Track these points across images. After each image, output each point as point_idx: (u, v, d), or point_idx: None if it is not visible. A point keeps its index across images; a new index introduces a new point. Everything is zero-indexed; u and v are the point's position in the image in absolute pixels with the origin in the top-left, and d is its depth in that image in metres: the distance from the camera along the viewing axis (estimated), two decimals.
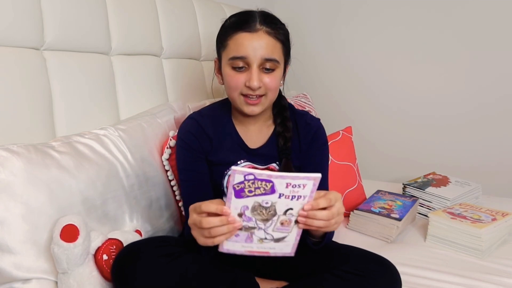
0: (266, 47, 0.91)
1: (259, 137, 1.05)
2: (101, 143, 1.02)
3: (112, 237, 0.91)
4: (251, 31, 0.91)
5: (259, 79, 0.92)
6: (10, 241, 0.81)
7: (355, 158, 1.57)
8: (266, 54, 0.91)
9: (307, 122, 1.06)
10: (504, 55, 1.84)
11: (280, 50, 0.94)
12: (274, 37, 0.93)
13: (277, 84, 0.96)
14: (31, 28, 1.02)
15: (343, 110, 2.25)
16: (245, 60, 0.92)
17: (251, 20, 0.92)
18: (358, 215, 1.37)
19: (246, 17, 0.93)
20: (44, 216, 0.84)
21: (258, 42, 0.91)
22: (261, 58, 0.91)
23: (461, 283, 1.06)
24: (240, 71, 0.93)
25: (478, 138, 1.95)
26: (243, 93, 0.94)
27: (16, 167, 0.83)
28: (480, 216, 1.29)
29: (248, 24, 0.92)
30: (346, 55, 2.21)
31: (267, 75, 0.93)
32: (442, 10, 1.93)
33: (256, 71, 0.92)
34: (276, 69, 0.94)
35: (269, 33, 0.92)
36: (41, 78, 1.04)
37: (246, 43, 0.91)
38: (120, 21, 1.25)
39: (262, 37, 0.91)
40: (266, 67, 0.93)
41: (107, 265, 0.87)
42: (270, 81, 0.93)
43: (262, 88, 0.94)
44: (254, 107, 0.96)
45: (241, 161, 1.02)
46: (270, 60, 0.92)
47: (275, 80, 0.94)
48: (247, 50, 0.91)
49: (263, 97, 0.95)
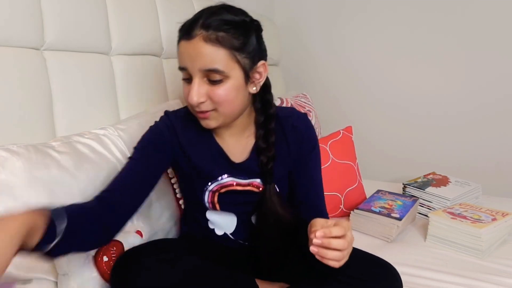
0: (203, 57, 0.79)
1: (239, 149, 0.95)
2: (101, 143, 1.02)
3: (113, 239, 0.91)
4: (188, 38, 0.79)
5: (200, 93, 0.81)
6: None
7: (355, 158, 1.57)
8: (204, 64, 0.79)
9: (293, 125, 0.96)
10: (504, 56, 1.84)
11: (225, 57, 0.79)
12: (214, 44, 0.78)
13: (228, 97, 0.82)
14: (31, 28, 1.02)
15: (343, 110, 2.25)
16: (187, 71, 0.82)
17: (192, 24, 0.80)
18: (358, 214, 1.37)
19: (190, 20, 0.82)
20: None
21: (194, 51, 0.79)
22: (199, 69, 0.80)
23: (461, 283, 1.06)
24: (188, 83, 0.83)
25: (478, 138, 1.95)
26: (194, 108, 0.85)
27: (16, 167, 0.83)
28: (480, 216, 1.29)
29: (186, 29, 0.80)
30: (346, 55, 2.21)
31: (214, 87, 0.81)
32: (442, 10, 1.93)
33: (197, 84, 0.80)
34: (224, 80, 0.81)
35: (207, 39, 0.78)
36: (41, 78, 1.04)
37: (184, 52, 0.81)
38: (120, 21, 1.25)
39: (198, 45, 0.78)
40: (210, 78, 0.80)
41: (107, 267, 0.87)
42: (217, 94, 0.81)
43: (208, 102, 0.82)
44: (208, 121, 0.86)
45: (222, 176, 0.94)
46: (211, 71, 0.79)
47: (224, 92, 0.81)
48: (185, 61, 0.81)
49: (213, 112, 0.84)
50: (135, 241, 0.96)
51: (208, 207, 0.97)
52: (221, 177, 0.94)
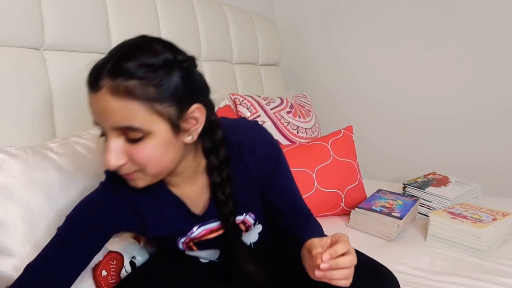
0: (113, 114, 0.63)
1: (198, 198, 0.82)
2: (99, 143, 1.02)
3: (113, 250, 0.90)
4: (93, 90, 0.64)
5: (118, 155, 0.65)
6: (10, 243, 0.80)
7: (356, 157, 1.57)
8: (115, 122, 0.63)
9: (250, 149, 0.81)
10: (504, 56, 1.84)
11: (141, 111, 0.63)
12: (124, 97, 0.61)
13: (153, 157, 0.66)
14: (31, 28, 1.02)
15: (343, 110, 2.25)
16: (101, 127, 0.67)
17: (98, 71, 0.64)
18: (359, 213, 1.37)
19: (96, 66, 0.65)
20: (43, 218, 0.84)
21: (101, 106, 0.63)
22: (111, 127, 0.64)
23: (461, 283, 1.05)
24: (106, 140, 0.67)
25: (478, 138, 1.95)
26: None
27: (14, 170, 0.83)
28: (480, 216, 1.29)
29: (92, 78, 0.65)
30: (346, 55, 2.21)
31: (134, 146, 0.65)
32: (443, 10, 1.93)
33: (113, 144, 0.65)
34: (144, 137, 0.64)
35: (114, 91, 0.62)
36: (41, 78, 1.04)
37: (92, 107, 0.65)
38: (120, 21, 1.25)
39: (105, 99, 0.62)
40: (128, 137, 0.65)
41: (105, 283, 0.86)
42: (139, 155, 0.65)
43: (129, 164, 0.67)
44: (134, 182, 0.71)
45: (193, 229, 0.83)
46: (126, 129, 0.64)
47: (148, 152, 0.65)
48: (95, 117, 0.66)
49: (138, 172, 0.69)
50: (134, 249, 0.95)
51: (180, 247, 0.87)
52: (190, 231, 0.83)
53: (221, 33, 1.72)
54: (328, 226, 1.10)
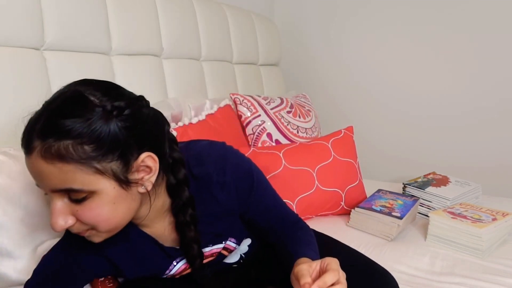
0: (47, 177, 0.58)
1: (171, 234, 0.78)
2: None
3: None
4: (26, 153, 0.59)
5: (65, 217, 0.61)
6: (10, 245, 0.80)
7: (356, 157, 1.57)
8: (53, 185, 0.59)
9: (219, 182, 0.75)
10: (504, 56, 1.84)
11: (79, 172, 0.57)
12: (56, 160, 0.56)
13: (102, 216, 0.61)
14: (31, 28, 1.02)
15: (343, 110, 2.25)
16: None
17: (29, 131, 0.58)
18: (359, 213, 1.37)
19: (28, 124, 0.59)
20: (43, 220, 0.84)
21: (36, 170, 0.58)
22: (50, 190, 0.60)
23: (461, 283, 1.05)
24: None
25: (478, 138, 1.95)
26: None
27: (14, 171, 0.82)
28: (480, 216, 1.29)
29: (24, 138, 0.59)
30: (346, 55, 2.21)
31: (79, 206, 0.60)
32: (444, 11, 1.93)
33: (57, 206, 0.60)
34: (90, 196, 0.59)
35: (46, 155, 0.56)
36: (41, 78, 1.04)
37: (28, 169, 0.60)
38: (120, 21, 1.25)
39: (37, 163, 0.57)
40: (71, 197, 0.60)
41: (102, 286, 0.85)
42: (85, 216, 0.61)
43: (79, 223, 0.62)
44: (91, 238, 0.66)
45: (174, 263, 0.81)
46: (66, 191, 0.59)
47: (95, 212, 0.60)
48: (34, 178, 0.61)
49: (91, 230, 0.64)
50: None
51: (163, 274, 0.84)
52: (170, 268, 0.81)
53: (221, 33, 1.72)
54: (328, 225, 1.10)
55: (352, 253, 0.90)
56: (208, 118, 1.39)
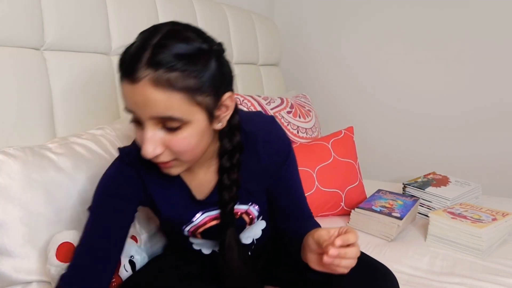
0: (154, 104, 0.63)
1: (206, 183, 0.83)
2: (98, 143, 1.02)
3: None
4: (131, 81, 0.63)
5: (156, 145, 0.66)
6: (9, 244, 0.81)
7: (356, 157, 1.57)
8: (156, 113, 0.64)
9: (264, 141, 0.83)
10: (504, 56, 1.84)
11: (182, 102, 0.64)
12: (166, 88, 0.62)
13: (190, 145, 0.68)
14: (31, 28, 1.02)
15: (343, 111, 2.25)
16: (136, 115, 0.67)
17: (135, 61, 0.63)
18: (359, 213, 1.37)
19: (126, 55, 0.65)
20: (42, 219, 0.84)
21: (141, 97, 0.63)
22: (150, 117, 0.64)
23: (461, 283, 1.05)
24: (139, 127, 0.68)
25: (478, 138, 1.95)
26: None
27: (13, 170, 0.83)
28: (480, 216, 1.29)
29: (129, 67, 0.63)
30: (346, 55, 2.21)
31: (171, 135, 0.66)
32: (442, 11, 1.93)
33: (151, 133, 0.66)
34: (183, 126, 0.66)
35: (156, 82, 0.61)
36: (41, 78, 1.04)
37: (128, 96, 0.65)
38: (120, 21, 1.25)
39: (145, 91, 0.62)
40: (166, 126, 0.66)
41: None
42: (176, 144, 0.67)
43: (166, 152, 0.68)
44: (170, 170, 0.72)
45: (197, 216, 0.85)
46: (166, 119, 0.65)
47: (185, 141, 0.67)
48: (132, 106, 0.66)
49: (175, 161, 0.71)
50: (131, 248, 0.95)
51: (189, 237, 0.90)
52: (194, 217, 0.84)
53: (221, 33, 1.72)
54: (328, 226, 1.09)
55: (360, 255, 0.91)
56: None
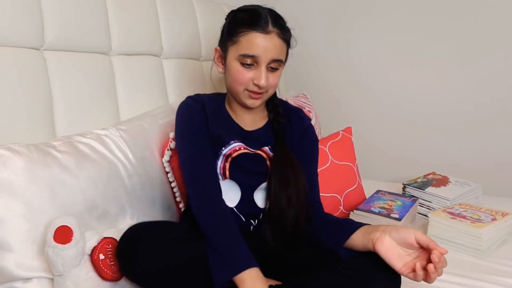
0: (276, 49, 0.97)
1: (253, 123, 1.10)
2: (102, 143, 1.02)
3: (108, 236, 0.90)
4: (264, 33, 0.95)
5: (266, 78, 0.98)
6: (12, 240, 0.81)
7: (355, 159, 1.57)
8: (275, 55, 0.97)
9: (300, 116, 1.13)
10: (503, 55, 1.84)
11: (285, 51, 1.01)
12: (282, 39, 0.98)
13: (278, 82, 1.03)
14: (31, 28, 1.02)
15: (343, 110, 2.25)
16: (255, 58, 0.96)
17: (264, 21, 0.96)
18: (358, 215, 1.37)
19: (259, 17, 0.97)
20: (45, 215, 0.84)
21: (271, 44, 0.96)
22: (270, 58, 0.97)
23: (461, 283, 1.06)
24: (248, 68, 0.98)
25: (478, 138, 1.95)
26: (249, 89, 0.99)
27: (18, 166, 0.83)
28: (480, 216, 1.29)
29: (261, 24, 0.96)
30: (346, 55, 2.21)
31: (271, 73, 0.99)
32: (442, 12, 1.93)
33: (265, 71, 0.97)
34: (279, 68, 1.01)
35: (279, 35, 0.97)
36: (41, 78, 1.04)
37: (259, 43, 0.95)
38: (120, 21, 1.25)
39: (274, 39, 0.96)
40: (272, 66, 0.98)
41: (104, 265, 0.86)
42: (273, 80, 1.00)
43: (266, 85, 0.99)
44: (256, 100, 1.02)
45: (233, 141, 1.04)
46: (277, 61, 0.98)
47: (277, 78, 1.02)
48: (259, 51, 0.95)
49: (264, 93, 1.01)
50: None
51: (219, 174, 1.04)
52: (233, 141, 1.04)
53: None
54: None
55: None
56: None
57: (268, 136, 1.08)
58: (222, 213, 0.95)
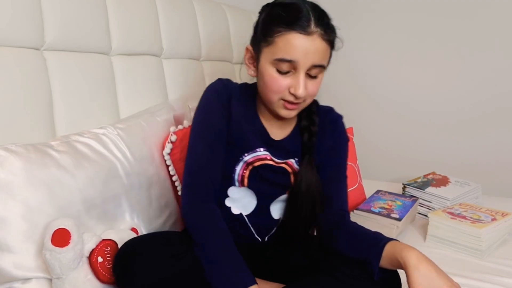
0: (318, 53, 0.83)
1: (281, 130, 0.99)
2: (100, 142, 1.02)
3: (106, 238, 0.89)
4: (305, 33, 0.81)
5: (305, 87, 0.84)
6: (10, 240, 0.81)
7: (356, 159, 1.57)
8: (317, 60, 0.84)
9: (332, 120, 1.02)
10: (503, 55, 1.84)
11: (328, 54, 0.87)
12: (326, 41, 0.84)
13: (317, 91, 0.89)
14: (31, 28, 1.02)
15: (343, 110, 2.23)
16: (293, 64, 0.83)
17: (305, 19, 0.81)
18: (358, 215, 1.37)
19: (299, 13, 0.82)
20: (43, 215, 0.84)
21: (313, 47, 0.82)
22: (311, 64, 0.83)
23: (461, 283, 1.05)
24: (285, 75, 0.85)
25: (478, 138, 1.95)
26: (285, 98, 0.87)
27: (15, 167, 0.83)
28: (479, 216, 1.29)
29: (302, 23, 0.81)
30: (346, 54, 2.17)
31: (311, 81, 0.86)
32: (441, 12, 1.94)
33: (303, 78, 0.84)
34: (319, 75, 0.88)
35: (323, 36, 0.83)
36: (41, 78, 1.04)
37: (299, 46, 0.81)
38: (120, 21, 1.25)
39: (316, 41, 0.82)
40: (312, 74, 0.85)
41: (102, 268, 0.85)
42: (313, 88, 0.87)
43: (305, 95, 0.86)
44: (292, 111, 0.90)
45: (260, 149, 0.95)
46: (318, 67, 0.85)
47: (318, 86, 0.88)
48: (298, 55, 0.82)
49: (302, 103, 0.89)
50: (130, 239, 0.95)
51: (236, 181, 0.97)
52: (258, 149, 0.95)
53: (221, 33, 1.72)
54: None
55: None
56: None
57: (295, 145, 0.97)
58: (220, 232, 0.86)
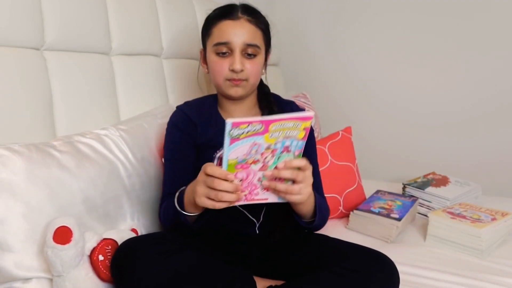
0: (247, 33, 0.98)
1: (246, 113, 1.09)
2: (102, 143, 1.02)
3: (107, 237, 0.89)
4: (233, 19, 0.99)
5: (242, 63, 0.98)
6: (11, 240, 0.81)
7: (355, 159, 1.57)
8: (247, 39, 0.98)
9: (293, 110, 1.10)
10: (503, 54, 1.84)
11: (260, 37, 1.01)
12: (254, 25, 1.00)
13: (258, 70, 1.02)
14: (31, 28, 1.02)
15: (343, 110, 2.25)
16: (228, 45, 0.98)
17: (233, 10, 1.00)
18: (358, 215, 1.37)
19: (229, 8, 1.01)
20: (44, 215, 0.84)
21: (240, 29, 0.98)
22: (243, 43, 0.98)
23: (461, 283, 1.06)
24: (224, 57, 0.99)
25: (478, 138, 1.95)
26: (228, 77, 1.00)
27: (17, 166, 0.83)
28: (479, 216, 1.29)
29: (230, 13, 0.99)
30: (346, 54, 2.21)
31: (249, 60, 0.99)
32: (440, 11, 1.94)
33: (239, 56, 0.98)
34: (257, 55, 1.00)
35: (250, 21, 0.99)
36: (41, 78, 1.04)
37: (229, 29, 0.98)
38: (120, 21, 1.25)
39: (243, 24, 0.99)
40: (248, 52, 0.99)
41: (103, 266, 0.86)
42: (251, 67, 1.00)
43: (244, 72, 0.99)
44: (238, 88, 1.01)
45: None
46: (251, 46, 0.99)
47: (256, 66, 1.01)
48: (230, 36, 0.98)
49: (245, 81, 1.01)
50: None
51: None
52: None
53: None
54: (328, 228, 1.10)
55: (360, 246, 0.97)
56: None
57: None
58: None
